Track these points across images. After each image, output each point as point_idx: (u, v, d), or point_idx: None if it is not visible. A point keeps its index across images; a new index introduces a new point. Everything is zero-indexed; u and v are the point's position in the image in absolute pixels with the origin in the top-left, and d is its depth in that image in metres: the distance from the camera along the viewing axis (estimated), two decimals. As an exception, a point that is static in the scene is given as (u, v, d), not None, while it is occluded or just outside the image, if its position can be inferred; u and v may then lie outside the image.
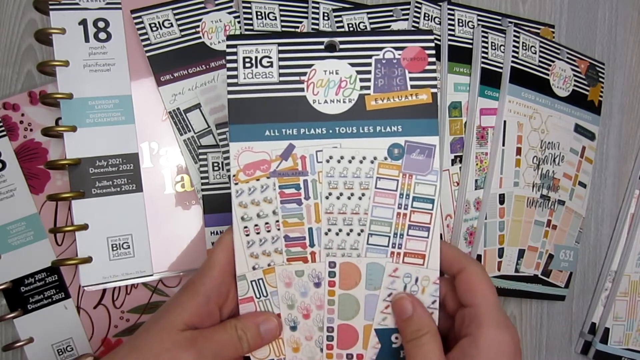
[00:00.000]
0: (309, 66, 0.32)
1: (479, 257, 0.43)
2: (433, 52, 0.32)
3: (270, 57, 0.32)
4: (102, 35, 0.40)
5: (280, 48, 0.32)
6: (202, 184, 0.39)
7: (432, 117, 0.32)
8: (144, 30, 0.40)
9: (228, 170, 0.39)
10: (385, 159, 0.32)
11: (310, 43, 0.32)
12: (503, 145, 0.43)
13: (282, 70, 0.32)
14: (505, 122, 0.43)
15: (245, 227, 0.32)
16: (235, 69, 0.32)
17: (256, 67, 0.32)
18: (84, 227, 0.38)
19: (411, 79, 0.32)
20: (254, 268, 0.32)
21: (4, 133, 0.41)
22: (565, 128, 0.46)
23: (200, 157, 0.39)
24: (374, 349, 0.32)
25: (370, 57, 0.32)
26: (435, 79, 0.32)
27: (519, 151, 0.44)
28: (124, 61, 0.40)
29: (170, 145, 0.40)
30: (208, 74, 0.41)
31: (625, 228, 0.50)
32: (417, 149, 0.32)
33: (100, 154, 0.39)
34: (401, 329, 0.31)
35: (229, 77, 0.32)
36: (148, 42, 0.40)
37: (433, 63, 0.32)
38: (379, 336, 0.32)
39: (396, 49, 0.32)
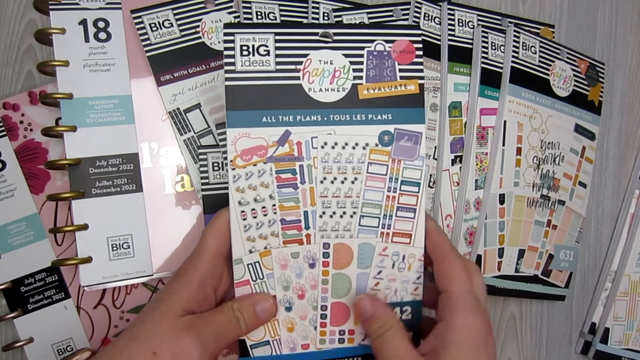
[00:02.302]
0: (305, 55, 0.33)
1: (479, 257, 0.43)
2: (420, 45, 0.34)
3: (267, 46, 0.33)
4: (102, 35, 0.40)
5: (277, 37, 0.33)
6: (202, 184, 0.39)
7: (419, 106, 0.34)
8: (144, 30, 0.40)
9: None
10: (376, 145, 0.33)
11: (306, 33, 0.33)
12: (503, 145, 0.43)
13: (278, 59, 0.33)
14: (505, 122, 0.43)
15: (242, 211, 0.33)
16: (233, 56, 0.32)
17: (253, 55, 0.32)
18: (84, 227, 0.38)
19: (400, 70, 0.34)
20: (250, 251, 0.33)
21: (4, 133, 0.41)
22: (565, 128, 0.46)
23: (200, 157, 0.39)
24: None
25: (362, 48, 0.34)
26: (422, 70, 0.34)
27: (519, 151, 0.44)
28: (124, 61, 0.40)
29: (170, 145, 0.40)
30: (208, 74, 0.41)
31: (625, 228, 0.50)
32: (406, 136, 0.33)
33: (100, 154, 0.39)
34: (365, 328, 0.32)
35: (226, 64, 0.32)
36: (148, 42, 0.40)
37: (421, 56, 0.34)
38: None
39: (387, 42, 0.34)
